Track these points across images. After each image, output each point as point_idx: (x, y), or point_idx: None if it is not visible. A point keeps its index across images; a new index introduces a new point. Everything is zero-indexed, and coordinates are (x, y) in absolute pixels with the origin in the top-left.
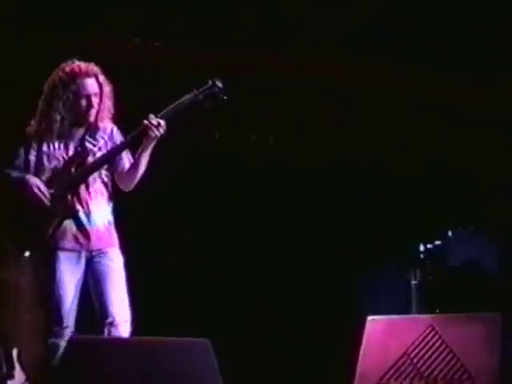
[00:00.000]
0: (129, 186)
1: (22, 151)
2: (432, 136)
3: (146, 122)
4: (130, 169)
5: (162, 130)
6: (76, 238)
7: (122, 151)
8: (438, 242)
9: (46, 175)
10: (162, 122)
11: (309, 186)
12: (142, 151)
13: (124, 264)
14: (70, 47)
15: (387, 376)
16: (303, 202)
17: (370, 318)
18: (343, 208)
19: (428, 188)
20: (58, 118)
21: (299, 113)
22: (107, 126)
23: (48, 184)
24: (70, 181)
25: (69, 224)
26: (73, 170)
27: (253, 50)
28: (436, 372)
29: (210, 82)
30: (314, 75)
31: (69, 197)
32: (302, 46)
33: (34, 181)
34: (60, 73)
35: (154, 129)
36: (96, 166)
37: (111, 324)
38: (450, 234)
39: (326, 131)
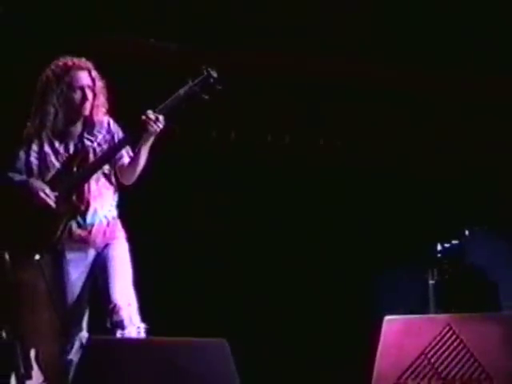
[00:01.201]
0: (129, 180)
1: (22, 153)
2: (450, 135)
3: (143, 117)
4: (129, 163)
5: (160, 125)
6: (82, 238)
7: (122, 149)
8: (455, 242)
9: (49, 175)
10: (160, 117)
11: (325, 185)
12: (142, 146)
13: (130, 251)
14: (71, 48)
15: (405, 376)
16: (320, 201)
17: (387, 317)
18: (360, 207)
19: (445, 187)
20: (52, 110)
21: (314, 112)
22: (103, 120)
23: (51, 184)
24: (73, 181)
25: (74, 224)
26: (74, 169)
27: (269, 50)
28: (454, 372)
29: (205, 73)
30: (328, 75)
31: (74, 197)
32: (317, 46)
33: (39, 185)
34: (53, 67)
35: (152, 124)
36: (97, 165)
37: (113, 310)
38: (467, 233)
39: (342, 131)
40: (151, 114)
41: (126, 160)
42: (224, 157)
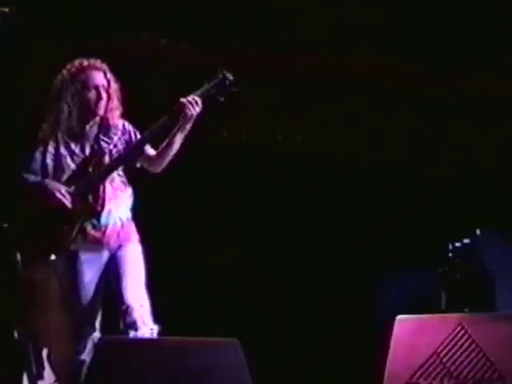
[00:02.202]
0: (158, 168)
1: (38, 155)
2: (461, 134)
3: (183, 99)
4: (162, 150)
5: (197, 109)
6: (96, 238)
7: (140, 150)
8: (466, 241)
9: (64, 177)
10: (199, 100)
11: (336, 184)
12: (177, 132)
13: (144, 254)
14: (85, 49)
15: (416, 375)
16: (331, 201)
17: (399, 317)
18: (371, 206)
19: (456, 186)
20: (66, 109)
21: (326, 112)
22: (118, 123)
23: (66, 185)
24: (89, 182)
25: (89, 225)
26: (90, 170)
27: (280, 50)
28: (466, 371)
29: (221, 76)
30: (340, 75)
31: (90, 198)
32: (328, 46)
33: (55, 185)
34: (68, 67)
35: (190, 107)
36: (114, 165)
37: (126, 311)
38: (478, 232)
39: (354, 130)
40: (190, 97)
41: (150, 151)
42: (235, 156)
